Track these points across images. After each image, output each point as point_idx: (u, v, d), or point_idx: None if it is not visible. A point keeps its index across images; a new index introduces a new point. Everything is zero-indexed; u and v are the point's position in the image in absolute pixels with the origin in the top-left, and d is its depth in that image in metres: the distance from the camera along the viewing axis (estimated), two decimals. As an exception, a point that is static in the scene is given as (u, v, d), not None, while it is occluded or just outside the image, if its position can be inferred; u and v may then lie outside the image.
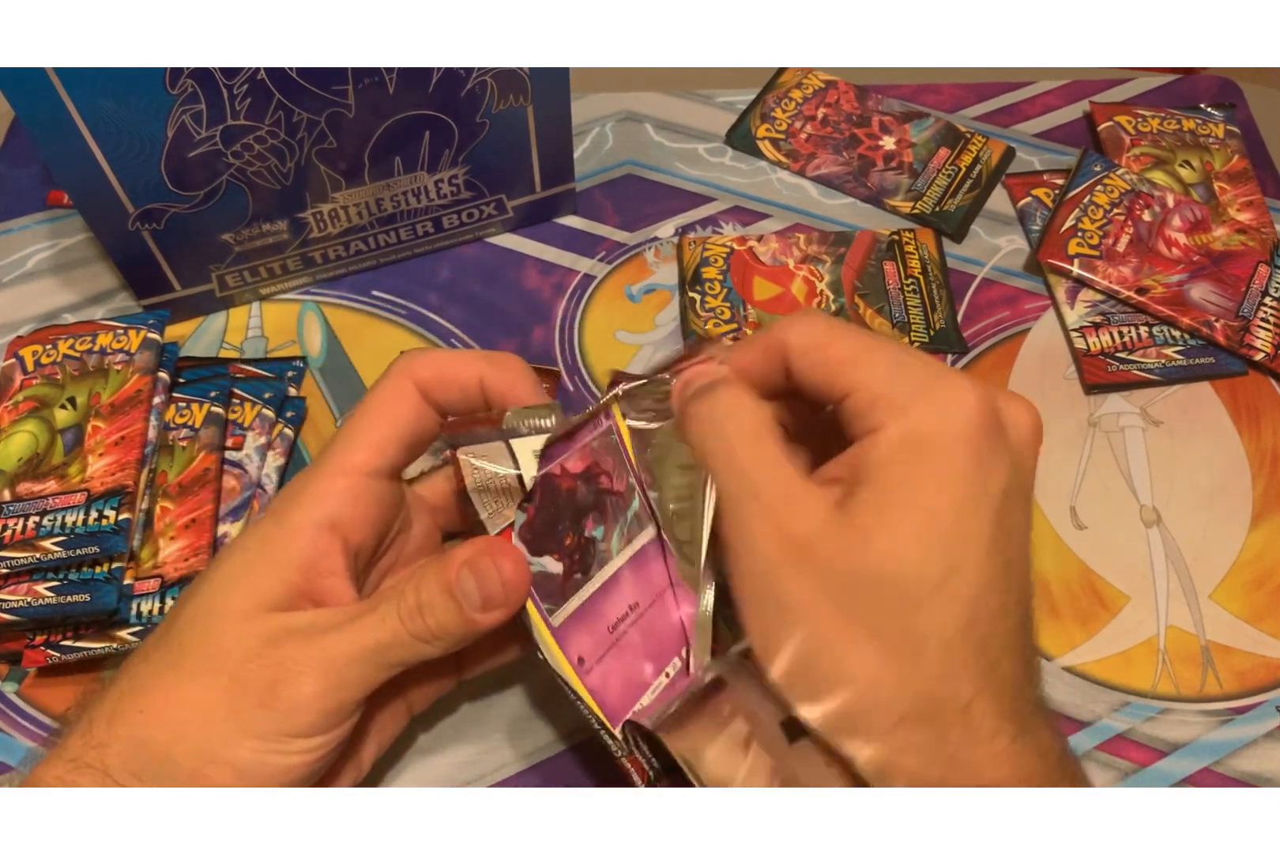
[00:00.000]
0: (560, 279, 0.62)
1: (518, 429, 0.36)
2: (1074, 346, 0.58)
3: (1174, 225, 0.62)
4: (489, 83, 0.54)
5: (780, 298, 0.61)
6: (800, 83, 0.70)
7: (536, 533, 0.36)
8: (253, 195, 0.54)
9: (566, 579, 0.37)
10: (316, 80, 0.50)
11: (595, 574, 0.38)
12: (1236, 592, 0.51)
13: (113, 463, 0.49)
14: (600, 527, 0.38)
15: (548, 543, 0.37)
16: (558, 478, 0.37)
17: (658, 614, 0.39)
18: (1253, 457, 0.55)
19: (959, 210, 0.64)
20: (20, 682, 0.49)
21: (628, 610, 0.38)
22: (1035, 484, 0.55)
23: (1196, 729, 0.47)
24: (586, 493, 0.37)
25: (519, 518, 0.36)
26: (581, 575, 0.37)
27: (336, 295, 0.61)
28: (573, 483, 0.37)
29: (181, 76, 0.48)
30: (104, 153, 0.50)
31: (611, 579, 0.38)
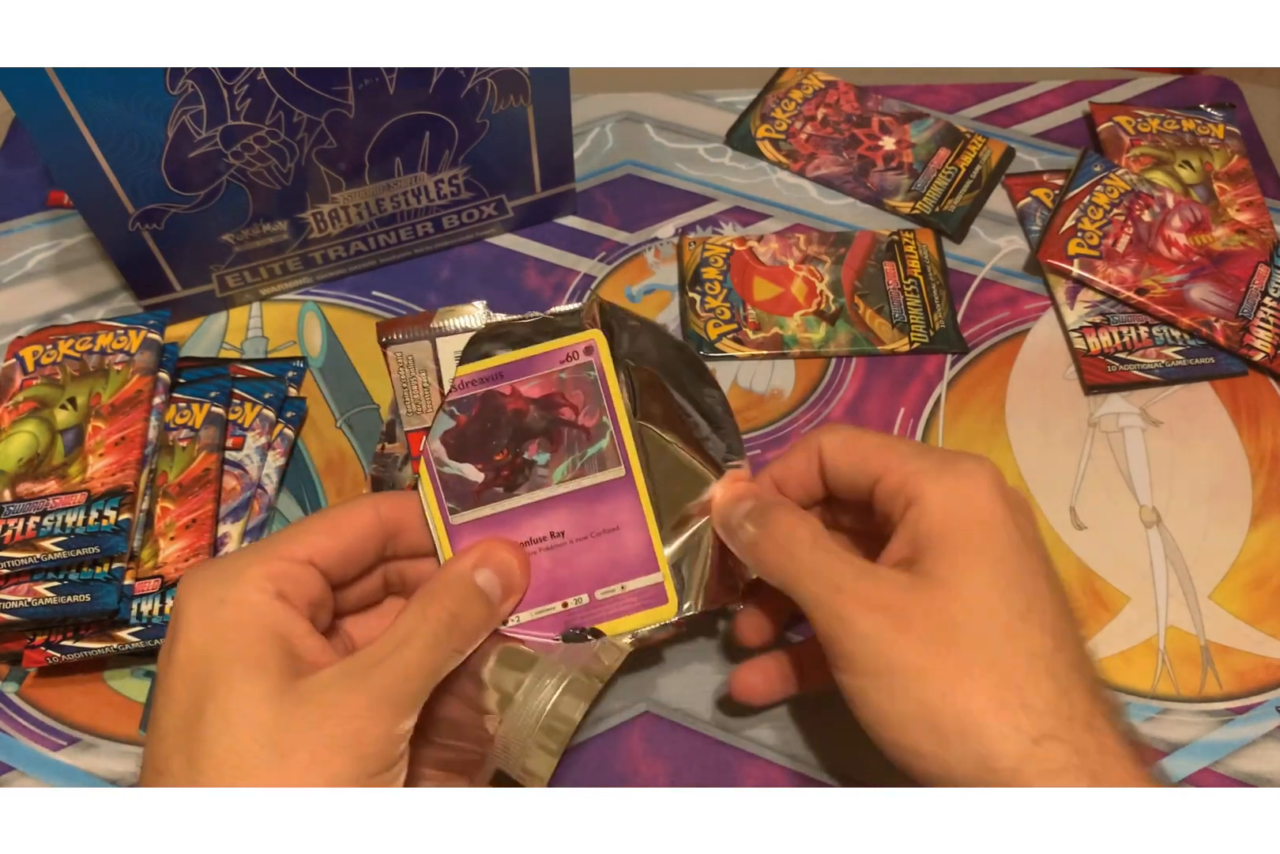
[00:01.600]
0: (560, 279, 0.62)
1: (444, 328, 0.39)
2: (1074, 347, 0.58)
3: (1174, 226, 0.62)
4: (489, 83, 0.54)
5: (780, 298, 0.61)
6: (800, 83, 0.70)
7: (464, 441, 0.38)
8: (253, 195, 0.54)
9: (484, 489, 0.39)
10: (316, 80, 0.50)
11: (522, 493, 0.39)
12: (1236, 592, 0.51)
13: (113, 463, 0.49)
14: (546, 453, 0.39)
15: (474, 452, 0.39)
16: (505, 397, 0.38)
17: (586, 549, 0.40)
18: (1252, 457, 0.55)
19: (959, 210, 0.64)
20: (20, 682, 0.49)
21: (548, 535, 0.40)
22: (1035, 491, 0.55)
23: (1196, 729, 0.47)
24: (539, 418, 0.39)
25: (443, 422, 0.38)
26: (504, 490, 0.39)
27: (337, 295, 0.61)
28: (523, 405, 0.38)
29: (182, 77, 0.48)
30: (104, 153, 0.50)
31: (541, 503, 0.39)
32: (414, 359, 0.39)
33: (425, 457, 0.38)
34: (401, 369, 0.38)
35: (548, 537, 0.40)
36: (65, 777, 0.47)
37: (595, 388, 0.39)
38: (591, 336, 0.38)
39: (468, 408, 0.38)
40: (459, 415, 0.38)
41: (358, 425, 0.56)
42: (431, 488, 0.38)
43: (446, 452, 0.38)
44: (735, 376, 0.58)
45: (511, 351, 0.39)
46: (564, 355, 0.39)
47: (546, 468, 0.39)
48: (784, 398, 0.57)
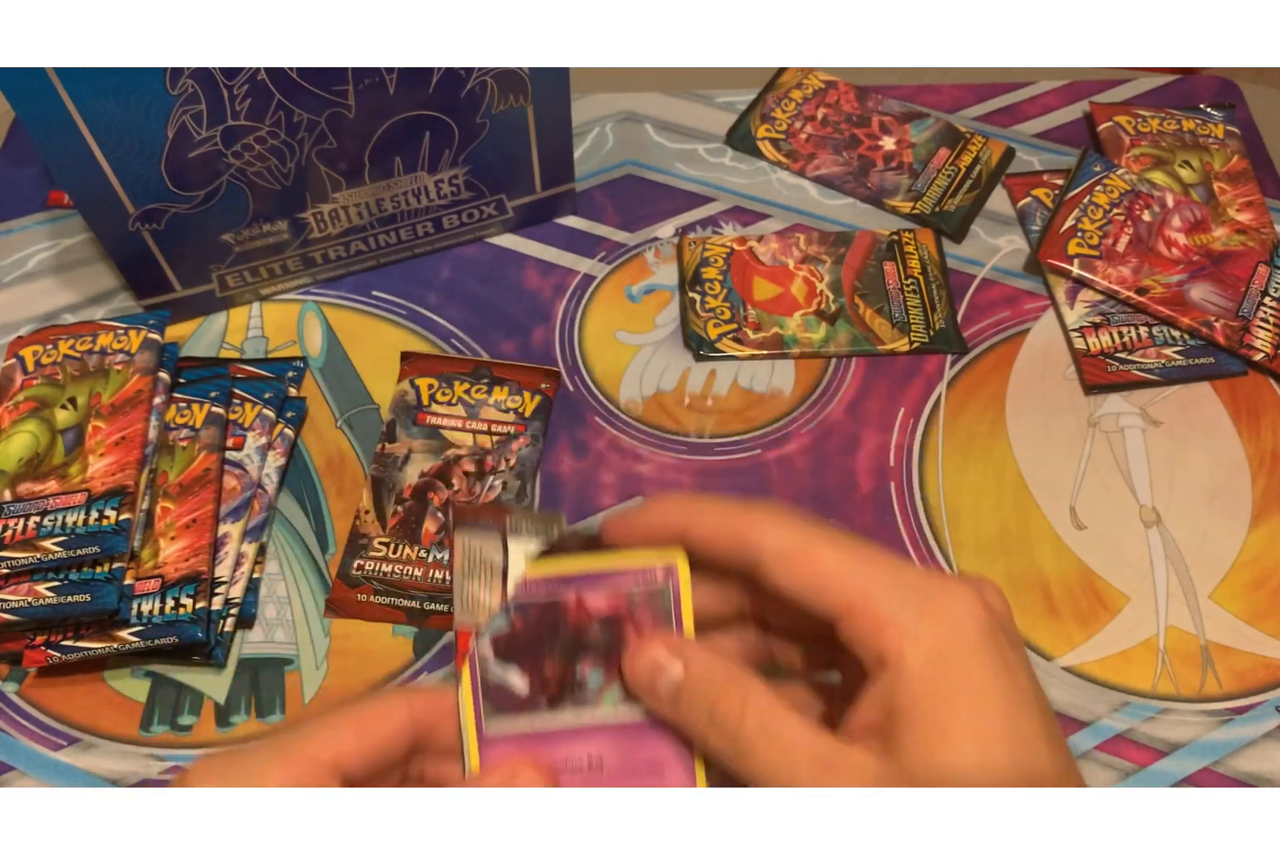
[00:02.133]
0: (560, 279, 0.62)
1: (519, 528, 0.36)
2: (1074, 347, 0.58)
3: (1174, 225, 0.62)
4: (489, 83, 0.54)
5: (780, 298, 0.61)
6: (800, 83, 0.70)
7: (516, 647, 0.35)
8: (253, 195, 0.54)
9: (527, 702, 0.36)
10: (317, 80, 0.50)
11: (566, 713, 0.36)
12: (1236, 592, 0.51)
13: (113, 463, 0.49)
14: (599, 674, 0.36)
15: (524, 661, 0.35)
16: (568, 609, 0.35)
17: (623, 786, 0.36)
18: (1252, 457, 0.55)
19: (959, 210, 0.64)
20: (21, 682, 0.49)
21: (585, 764, 0.36)
22: (1035, 491, 0.55)
23: (1196, 729, 0.47)
24: (600, 636, 0.35)
25: (499, 624, 0.35)
26: (548, 706, 0.36)
27: (337, 295, 0.61)
28: (586, 619, 0.35)
29: (182, 77, 0.48)
30: (104, 153, 0.50)
31: (584, 728, 0.36)
32: (481, 552, 0.36)
33: (471, 659, 0.35)
34: (466, 560, 0.36)
35: (585, 765, 0.36)
36: (65, 777, 0.47)
37: (668, 614, 0.35)
38: (674, 558, 0.35)
39: (527, 612, 0.35)
40: (516, 619, 0.35)
41: (358, 425, 0.56)
42: (471, 693, 0.35)
43: (495, 656, 0.35)
44: (735, 376, 0.58)
45: (588, 557, 0.36)
46: (642, 574, 0.35)
47: (597, 691, 0.36)
48: (784, 398, 0.57)
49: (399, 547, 0.52)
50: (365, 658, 0.50)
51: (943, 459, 0.55)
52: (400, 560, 0.51)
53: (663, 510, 0.34)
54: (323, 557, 0.52)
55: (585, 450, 0.56)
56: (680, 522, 0.33)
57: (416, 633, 0.50)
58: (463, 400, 0.56)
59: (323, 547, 0.53)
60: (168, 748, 0.47)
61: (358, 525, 0.52)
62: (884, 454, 0.55)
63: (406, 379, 0.57)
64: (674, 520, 0.34)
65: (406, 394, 0.56)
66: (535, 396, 0.56)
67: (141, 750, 0.47)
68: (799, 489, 0.54)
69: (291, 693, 0.49)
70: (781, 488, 0.54)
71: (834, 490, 0.54)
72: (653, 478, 0.55)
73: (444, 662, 0.49)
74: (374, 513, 0.53)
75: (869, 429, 0.56)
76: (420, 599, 0.50)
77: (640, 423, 0.57)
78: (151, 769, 0.47)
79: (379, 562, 0.51)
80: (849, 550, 0.32)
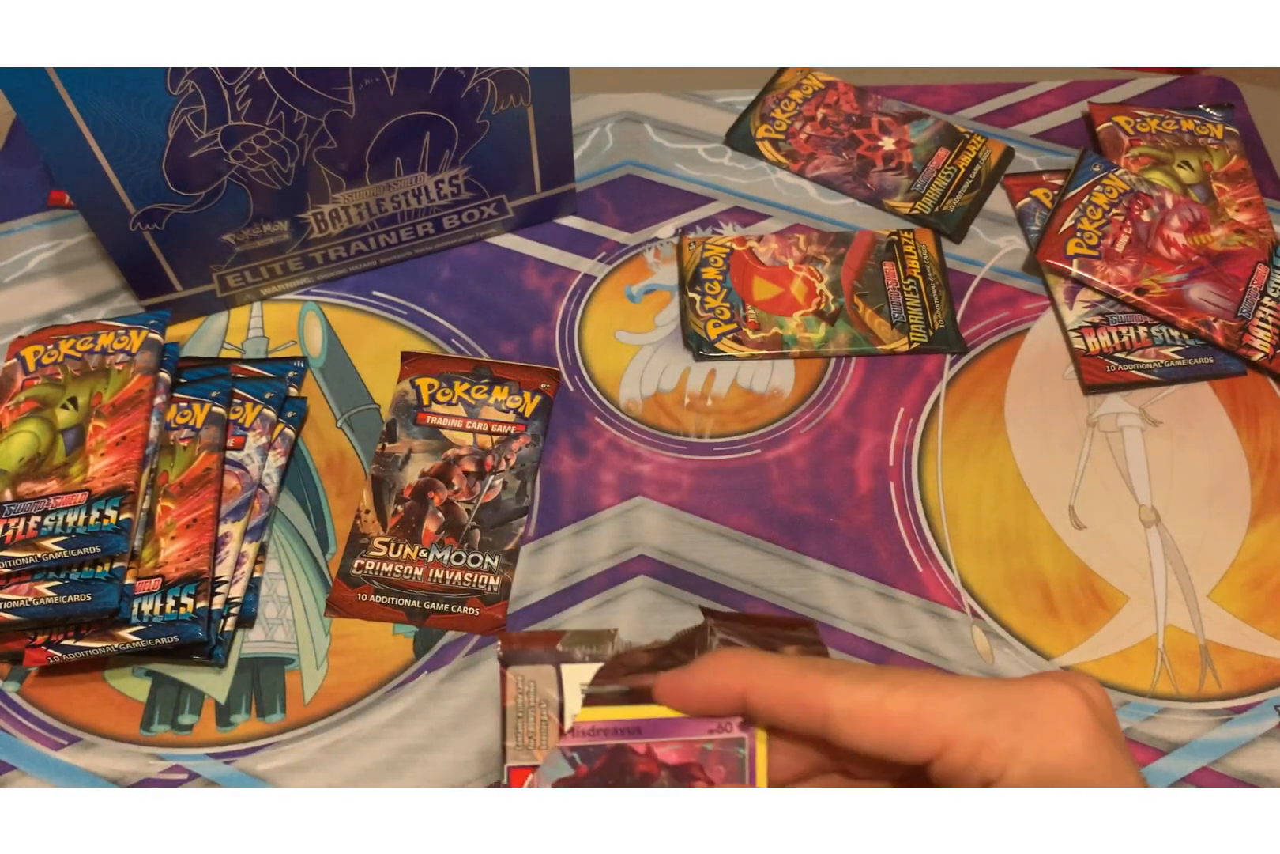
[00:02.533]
0: (560, 279, 0.62)
1: (572, 654, 0.34)
2: (1073, 347, 0.58)
3: (1173, 226, 0.62)
4: (489, 83, 0.54)
5: (780, 298, 0.61)
6: (800, 83, 0.70)
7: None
8: (253, 196, 0.55)
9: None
10: (317, 81, 0.50)
11: None
12: (1235, 591, 0.51)
13: (114, 463, 0.49)
14: None
15: None
16: (638, 756, 0.33)
17: None
18: (1251, 456, 0.55)
19: (958, 211, 0.64)
20: (22, 681, 0.49)
21: None
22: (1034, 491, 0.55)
23: (1195, 728, 0.47)
24: (669, 786, 0.33)
25: (560, 768, 0.33)
26: None
27: (337, 295, 0.62)
28: (655, 770, 0.33)
29: (182, 77, 0.48)
30: (105, 153, 0.50)
31: None
32: (535, 686, 0.34)
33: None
34: (520, 696, 0.33)
35: None
36: (66, 776, 0.47)
37: (742, 768, 0.34)
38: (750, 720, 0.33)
39: (592, 759, 0.33)
40: (580, 765, 0.33)
41: (358, 425, 0.57)
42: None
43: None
44: (735, 376, 0.58)
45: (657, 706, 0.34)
46: (716, 724, 0.33)
47: None
48: (784, 397, 0.57)
49: (399, 546, 0.52)
50: (365, 657, 0.50)
51: (942, 459, 0.55)
52: (400, 560, 0.51)
53: (718, 674, 0.32)
54: (323, 556, 0.52)
55: (585, 450, 0.56)
56: (738, 687, 0.32)
57: (417, 632, 0.50)
58: (463, 400, 0.56)
59: (323, 546, 0.53)
60: (168, 747, 0.47)
61: (358, 525, 0.53)
62: (883, 454, 0.55)
63: (407, 379, 0.57)
64: (732, 685, 0.32)
65: (407, 394, 0.56)
66: (535, 396, 0.56)
67: (142, 750, 0.47)
68: (798, 489, 0.54)
69: (292, 692, 0.49)
70: (781, 488, 0.54)
71: (833, 490, 0.54)
72: (652, 478, 0.55)
73: (444, 661, 0.49)
74: (374, 512, 0.53)
75: (868, 429, 0.56)
76: (420, 598, 0.50)
77: (640, 423, 0.57)
78: (152, 768, 0.47)
79: (379, 561, 0.51)
80: (922, 691, 0.30)
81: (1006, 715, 0.29)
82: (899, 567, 0.52)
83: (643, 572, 0.52)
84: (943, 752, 0.29)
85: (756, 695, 0.31)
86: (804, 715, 0.30)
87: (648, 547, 0.53)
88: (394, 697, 0.49)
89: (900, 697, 0.29)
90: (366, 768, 0.47)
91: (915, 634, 0.50)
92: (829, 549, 0.52)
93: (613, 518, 0.53)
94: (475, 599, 0.50)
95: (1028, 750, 0.28)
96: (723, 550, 0.52)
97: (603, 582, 0.52)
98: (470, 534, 0.52)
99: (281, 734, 0.48)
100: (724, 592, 0.51)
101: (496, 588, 0.51)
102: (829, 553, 0.52)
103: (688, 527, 0.53)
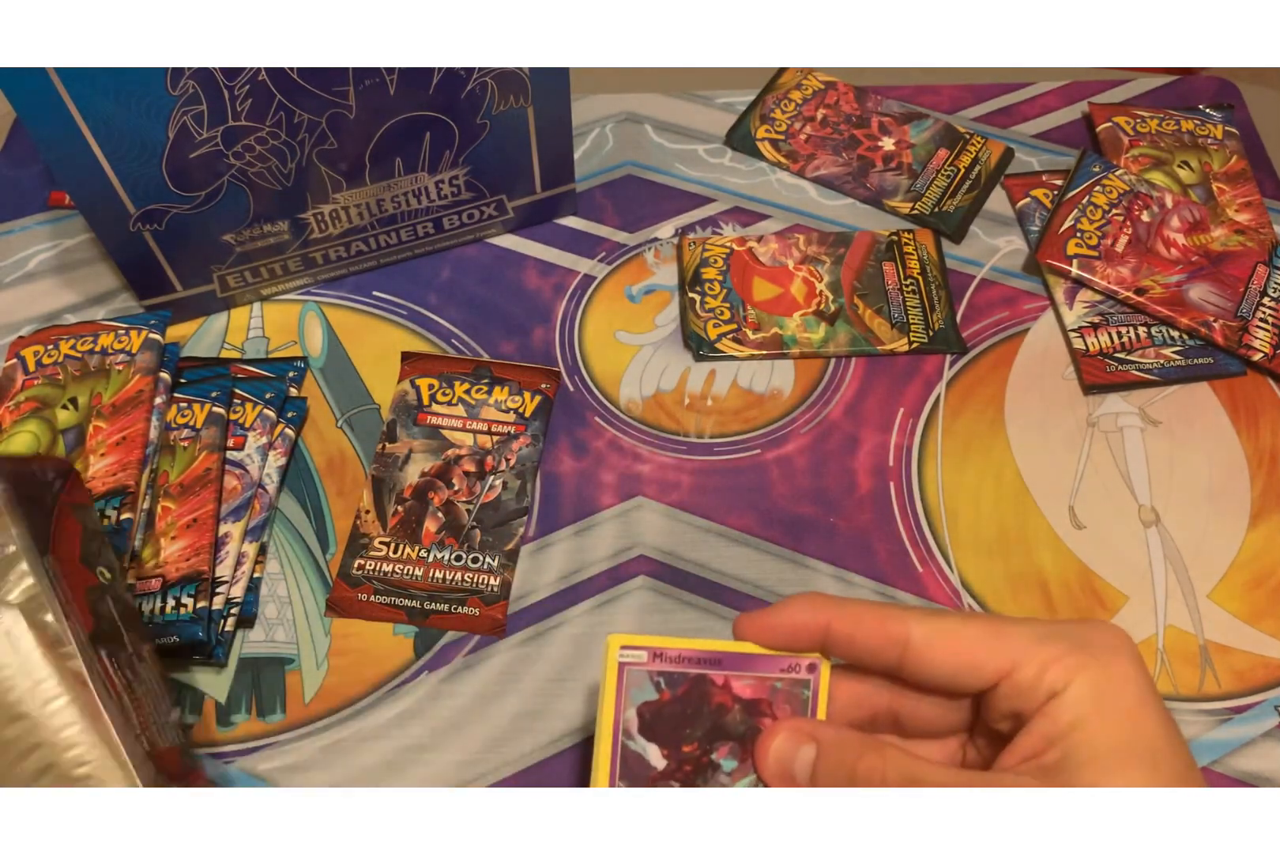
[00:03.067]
0: (560, 279, 0.62)
1: None
2: (1073, 347, 0.58)
3: (1173, 226, 0.62)
4: (489, 84, 0.54)
5: (780, 298, 0.61)
6: (800, 84, 0.70)
7: (660, 720, 0.35)
8: (254, 196, 0.55)
9: (662, 778, 0.35)
10: (317, 81, 0.50)
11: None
12: (1235, 591, 0.51)
13: (114, 463, 0.49)
14: (734, 761, 0.36)
15: (666, 736, 0.35)
16: (716, 687, 0.35)
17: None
18: (1251, 456, 0.55)
19: (958, 211, 0.64)
20: (21, 681, 0.49)
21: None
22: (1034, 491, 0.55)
23: (1195, 728, 0.47)
24: (740, 721, 0.36)
25: (647, 691, 0.35)
26: (679, 786, 0.35)
27: (337, 296, 0.62)
28: (729, 702, 0.35)
29: (183, 77, 0.48)
30: (105, 153, 0.50)
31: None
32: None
33: (615, 726, 0.35)
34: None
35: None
36: (66, 776, 0.47)
37: (805, 708, 0.36)
38: (818, 656, 0.35)
39: (676, 685, 0.35)
40: (664, 690, 0.35)
41: (358, 425, 0.57)
42: (609, 760, 0.35)
43: (638, 726, 0.35)
44: (735, 376, 0.58)
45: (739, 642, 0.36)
46: (787, 664, 0.36)
47: (730, 776, 0.36)
48: (783, 398, 0.57)
49: (399, 546, 0.52)
50: (366, 657, 0.50)
51: (942, 459, 0.55)
52: (401, 560, 0.51)
53: (801, 608, 0.34)
54: (323, 556, 0.52)
55: (585, 450, 0.56)
56: (822, 619, 0.34)
57: (417, 632, 0.50)
58: (463, 400, 0.56)
59: (323, 546, 0.53)
60: (168, 747, 0.47)
61: (358, 525, 0.53)
62: (883, 454, 0.55)
63: (407, 379, 0.57)
64: (816, 618, 0.34)
65: (407, 394, 0.56)
66: (535, 396, 0.56)
67: (142, 750, 0.47)
68: (798, 489, 0.54)
69: (292, 692, 0.49)
70: (781, 488, 0.54)
71: (833, 490, 0.54)
72: (653, 478, 0.55)
73: (444, 661, 0.49)
74: (374, 512, 0.53)
75: (868, 429, 0.56)
76: (420, 598, 0.50)
77: (640, 423, 0.57)
78: (152, 768, 0.47)
79: (379, 561, 0.51)
80: (991, 621, 0.33)
81: (1068, 640, 0.32)
82: (899, 567, 0.52)
83: (643, 572, 0.52)
84: (1012, 671, 0.32)
85: (841, 625, 0.34)
86: (885, 643, 0.33)
87: (648, 547, 0.53)
88: (394, 697, 0.49)
89: (975, 623, 0.33)
90: (366, 768, 0.47)
91: (915, 634, 0.50)
92: (829, 549, 0.52)
93: (613, 518, 0.53)
94: (475, 599, 0.51)
95: (1091, 668, 0.31)
96: (723, 550, 0.52)
97: (603, 582, 0.52)
98: (470, 534, 0.52)
99: (281, 734, 0.48)
100: (724, 592, 0.51)
101: (496, 588, 0.51)
102: (829, 553, 0.52)
103: (688, 527, 0.53)
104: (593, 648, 0.50)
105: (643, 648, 0.35)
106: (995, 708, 0.33)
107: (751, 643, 0.35)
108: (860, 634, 0.33)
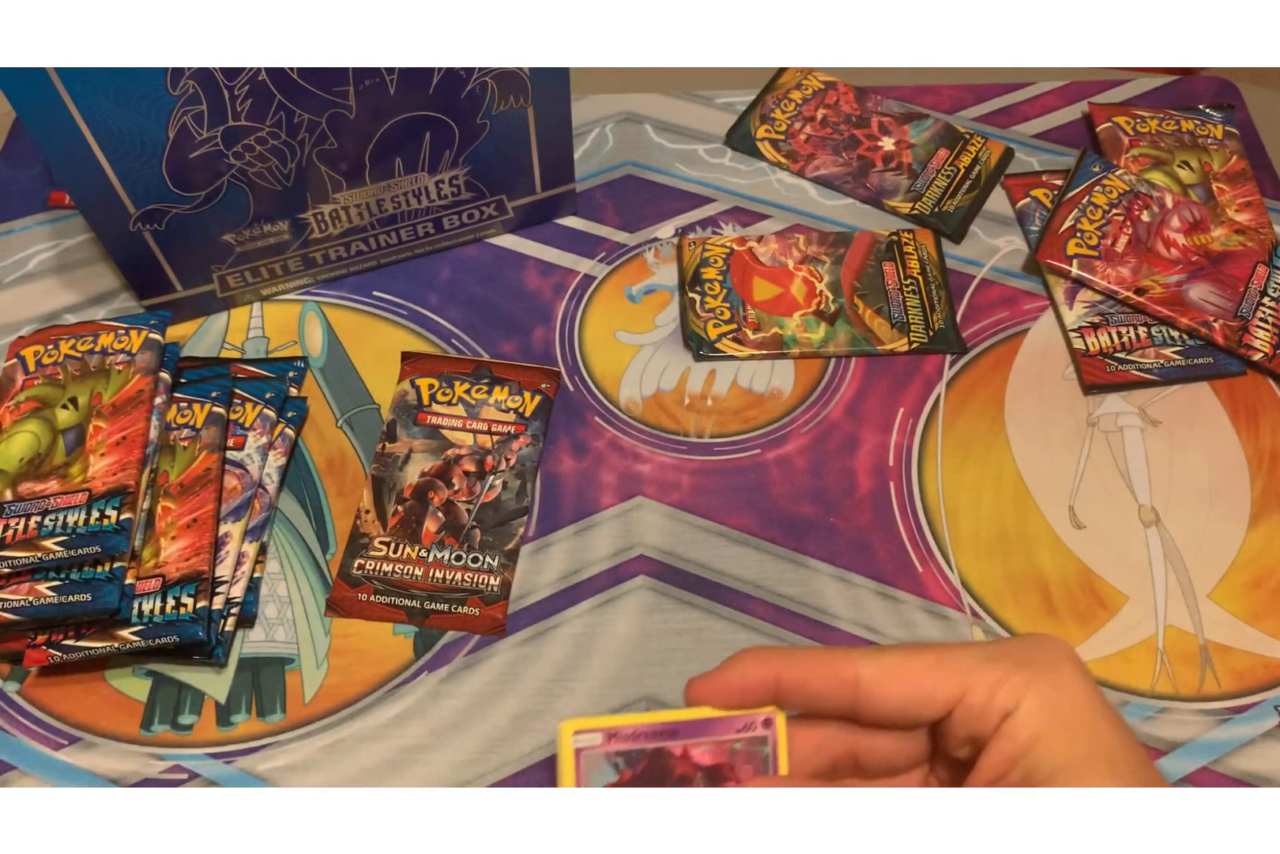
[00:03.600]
0: (560, 279, 0.62)
1: None
2: (1073, 347, 0.58)
3: (1173, 226, 0.62)
4: (489, 84, 0.54)
5: (780, 298, 0.61)
6: (800, 84, 0.70)
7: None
8: (254, 196, 0.55)
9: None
10: (317, 81, 0.50)
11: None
12: (1235, 591, 0.51)
13: (114, 463, 0.49)
14: None
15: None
16: (675, 759, 0.35)
17: None
18: (1251, 457, 0.55)
19: (958, 211, 0.64)
20: (22, 681, 0.49)
21: None
22: (1034, 490, 0.55)
23: (1195, 728, 0.47)
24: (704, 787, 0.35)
25: (606, 774, 0.35)
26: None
27: (337, 296, 0.62)
28: (691, 772, 0.35)
29: (183, 77, 0.48)
30: (105, 153, 0.50)
31: None
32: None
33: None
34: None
35: None
36: (66, 776, 0.47)
37: (766, 764, 0.36)
38: (772, 710, 0.35)
39: (635, 763, 0.35)
40: (624, 769, 0.35)
41: (358, 425, 0.57)
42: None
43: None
44: (735, 376, 0.58)
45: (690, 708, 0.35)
46: (743, 723, 0.35)
47: None
48: (783, 398, 0.57)
49: (399, 546, 0.52)
50: (366, 657, 0.50)
51: (942, 459, 0.55)
52: (401, 560, 0.51)
53: (750, 663, 0.34)
54: (323, 556, 0.52)
55: (585, 450, 0.56)
56: (772, 671, 0.34)
57: (417, 632, 0.50)
58: (463, 400, 0.56)
59: (323, 546, 0.53)
60: (168, 747, 0.47)
61: (358, 525, 0.53)
62: (883, 454, 0.55)
63: (407, 379, 0.57)
64: (766, 671, 0.34)
65: (407, 394, 0.56)
66: (535, 396, 0.56)
67: (142, 750, 0.47)
68: (798, 489, 0.54)
69: (292, 692, 0.49)
70: (781, 488, 0.54)
71: (833, 490, 0.54)
72: (652, 478, 0.55)
73: (444, 661, 0.49)
74: (374, 512, 0.53)
75: (868, 429, 0.56)
76: (420, 598, 0.50)
77: (640, 423, 0.57)
78: (152, 768, 0.47)
79: (379, 561, 0.51)
80: (935, 650, 0.33)
81: (1011, 659, 0.32)
82: (899, 566, 0.52)
83: (643, 571, 0.52)
84: (963, 696, 0.32)
85: (791, 674, 0.34)
86: (837, 685, 0.33)
87: (648, 547, 0.53)
88: (394, 697, 0.49)
89: (920, 654, 0.33)
90: (366, 768, 0.47)
91: (915, 634, 0.50)
92: (829, 549, 0.52)
93: (613, 518, 0.53)
94: (475, 599, 0.51)
95: (1038, 683, 0.32)
96: (723, 550, 0.52)
97: (603, 582, 0.52)
98: (470, 534, 0.52)
99: (282, 734, 0.48)
100: (724, 592, 0.51)
101: (496, 588, 0.51)
102: (829, 553, 0.52)
103: (688, 527, 0.53)
104: (593, 648, 0.50)
105: (596, 729, 0.34)
106: (952, 735, 0.33)
107: (706, 706, 0.35)
108: (812, 681, 0.33)
